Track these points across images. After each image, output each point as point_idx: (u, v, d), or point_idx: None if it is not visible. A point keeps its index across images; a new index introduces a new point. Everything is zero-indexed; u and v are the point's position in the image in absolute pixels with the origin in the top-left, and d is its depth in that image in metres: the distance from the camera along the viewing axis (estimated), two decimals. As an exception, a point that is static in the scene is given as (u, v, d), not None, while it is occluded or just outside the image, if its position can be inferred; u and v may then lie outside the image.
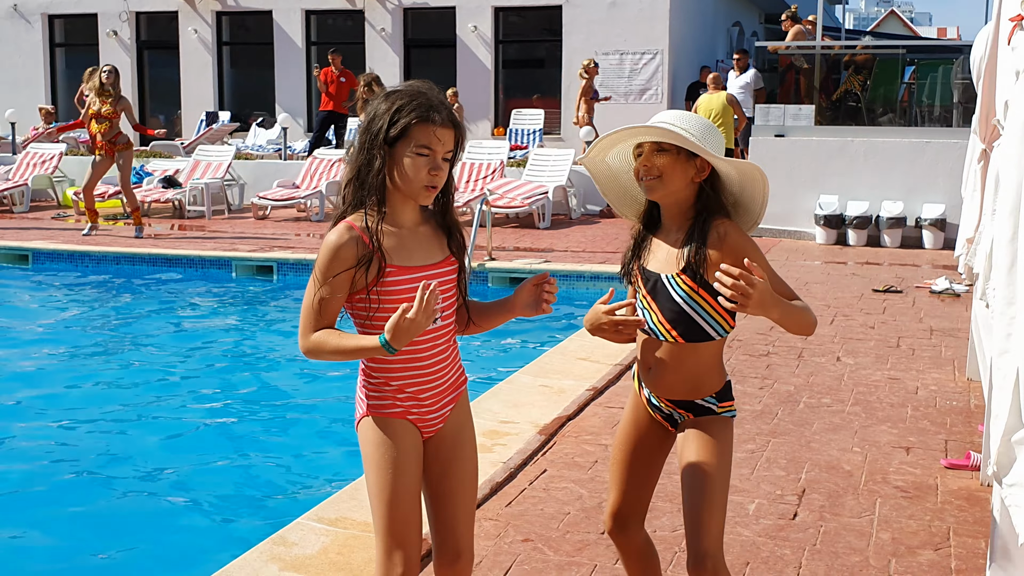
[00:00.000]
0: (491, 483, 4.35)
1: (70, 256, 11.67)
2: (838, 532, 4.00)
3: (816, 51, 15.07)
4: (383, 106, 2.47)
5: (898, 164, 12.32)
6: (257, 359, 8.31)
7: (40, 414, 6.68)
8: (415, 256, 2.52)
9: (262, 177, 15.98)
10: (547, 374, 6.13)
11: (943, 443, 5.07)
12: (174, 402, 7.00)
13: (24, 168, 16.61)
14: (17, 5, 22.70)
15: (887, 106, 14.56)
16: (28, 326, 9.32)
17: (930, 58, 15.60)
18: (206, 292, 10.46)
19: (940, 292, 9.13)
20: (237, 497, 5.29)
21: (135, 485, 5.50)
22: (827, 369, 6.50)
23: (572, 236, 12.94)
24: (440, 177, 2.49)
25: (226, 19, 21.95)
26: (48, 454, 5.92)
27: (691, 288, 2.58)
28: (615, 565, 3.70)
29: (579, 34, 19.59)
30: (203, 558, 4.18)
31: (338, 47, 19.06)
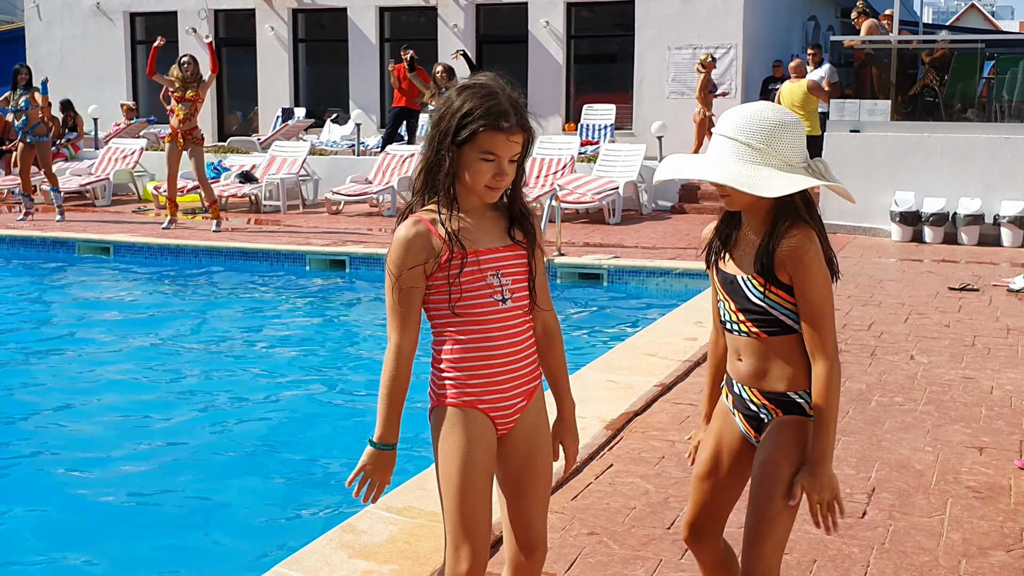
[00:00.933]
0: (556, 476, 4.35)
1: (149, 249, 11.88)
2: (907, 531, 3.94)
3: (893, 46, 14.81)
4: (456, 102, 2.46)
5: (976, 160, 12.08)
6: (329, 349, 8.41)
7: (117, 397, 6.84)
8: (483, 240, 2.53)
9: (336, 173, 16.15)
10: (614, 370, 6.10)
11: (1017, 444, 4.97)
12: (246, 390, 7.13)
13: (106, 163, 16.97)
14: (100, 3, 23.13)
15: (965, 102, 14.27)
16: (107, 317, 9.51)
17: (1011, 52, 15.23)
18: (281, 285, 10.59)
19: (1018, 291, 8.93)
20: (308, 484, 5.36)
21: (208, 468, 5.58)
22: (900, 368, 6.39)
23: (642, 232, 12.89)
24: (504, 181, 2.49)
25: (302, 16, 22.18)
26: (127, 431, 6.07)
27: (765, 287, 2.55)
28: (680, 560, 3.68)
29: (652, 28, 19.45)
30: (275, 544, 4.24)
31: (411, 43, 19.19)
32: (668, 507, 4.15)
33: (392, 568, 3.51)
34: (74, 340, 8.68)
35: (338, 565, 3.52)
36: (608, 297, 9.77)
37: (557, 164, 14.47)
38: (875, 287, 9.07)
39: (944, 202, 12.04)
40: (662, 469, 4.56)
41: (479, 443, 2.52)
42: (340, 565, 3.52)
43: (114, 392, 7.08)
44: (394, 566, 3.52)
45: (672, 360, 6.29)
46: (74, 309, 9.90)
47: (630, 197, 14.42)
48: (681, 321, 7.47)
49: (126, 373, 7.54)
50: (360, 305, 9.48)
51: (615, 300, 9.66)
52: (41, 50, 23.54)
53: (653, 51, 19.47)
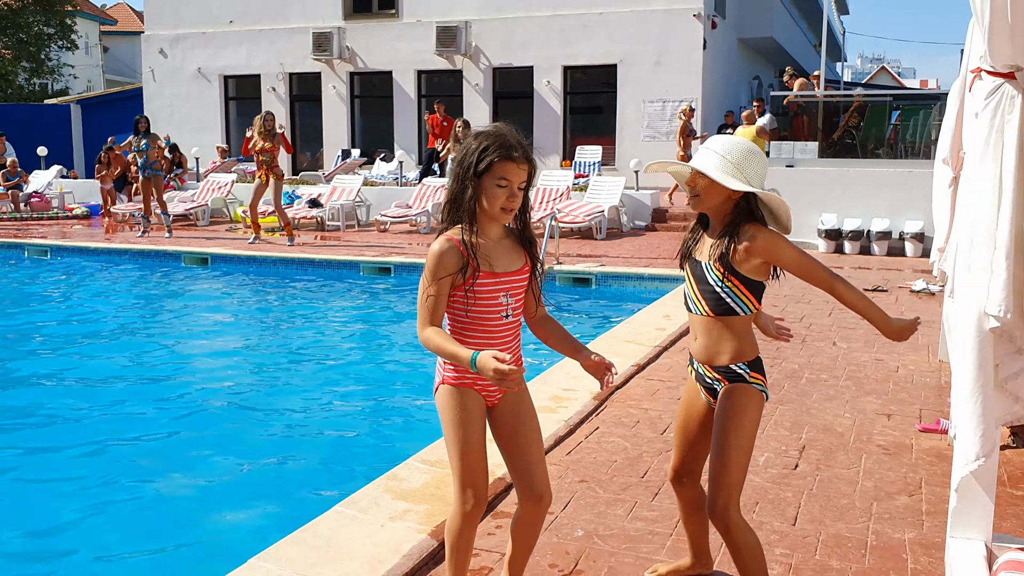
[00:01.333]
0: (555, 436, 4.37)
1: (239, 259, 11.96)
2: (831, 480, 3.96)
3: (820, 100, 14.79)
4: (473, 144, 2.49)
5: (885, 189, 12.08)
6: (377, 335, 8.44)
7: (219, 378, 6.87)
8: (498, 264, 2.54)
9: (383, 199, 16.22)
10: (601, 353, 6.10)
11: (918, 411, 4.97)
12: (313, 369, 7.16)
13: (205, 192, 17.06)
14: (200, 68, 23.31)
15: (877, 143, 14.26)
16: (205, 311, 9.58)
17: (913, 104, 15.19)
18: (340, 288, 10.62)
19: (918, 291, 8.94)
20: (360, 443, 5.39)
21: (288, 429, 5.62)
22: (825, 351, 6.40)
23: (623, 246, 12.88)
24: (516, 202, 2.51)
25: (357, 78, 22.27)
26: (224, 407, 6.09)
27: (722, 273, 2.59)
28: (651, 502, 3.70)
29: (630, 87, 19.51)
30: (328, 491, 4.26)
31: (442, 99, 19.22)
32: (642, 461, 4.17)
33: (425, 507, 3.54)
34: (180, 330, 8.75)
35: (384, 504, 3.56)
36: (596, 296, 9.80)
37: (556, 192, 14.48)
38: (806, 288, 9.02)
39: (860, 221, 12.06)
40: (637, 431, 4.59)
41: (474, 412, 2.57)
42: (385, 504, 3.56)
43: (215, 362, 7.20)
44: (427, 506, 3.55)
45: (646, 346, 6.31)
46: (180, 305, 9.97)
47: (613, 218, 14.43)
48: (653, 315, 7.49)
49: (223, 352, 7.64)
50: (401, 302, 9.50)
51: (601, 299, 9.68)
52: (155, 104, 23.70)
53: (631, 104, 19.53)
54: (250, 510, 4.39)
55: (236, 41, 22.90)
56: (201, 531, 4.17)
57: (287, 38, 22.31)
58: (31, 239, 13.74)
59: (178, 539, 4.11)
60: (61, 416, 5.91)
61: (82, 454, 5.18)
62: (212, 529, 4.18)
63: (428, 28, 20.98)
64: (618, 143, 19.67)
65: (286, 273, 11.41)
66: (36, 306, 9.87)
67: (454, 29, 20.59)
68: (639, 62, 19.42)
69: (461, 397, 2.57)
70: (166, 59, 23.66)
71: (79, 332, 8.50)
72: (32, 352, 7.81)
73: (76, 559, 3.93)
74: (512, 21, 20.44)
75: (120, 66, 45.86)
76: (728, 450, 2.62)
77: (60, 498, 4.56)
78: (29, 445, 5.39)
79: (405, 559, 3.10)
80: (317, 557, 3.12)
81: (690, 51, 19.06)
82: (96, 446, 5.31)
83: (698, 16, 18.95)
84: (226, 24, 22.94)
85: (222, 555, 3.54)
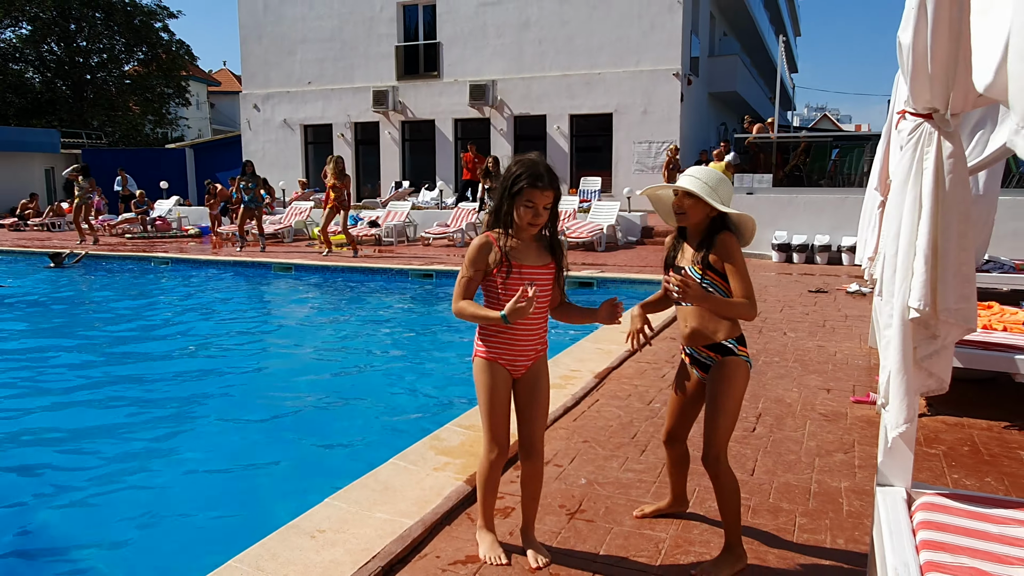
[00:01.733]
0: (563, 407, 4.36)
1: (316, 268, 12.00)
2: (781, 440, 3.92)
3: (773, 141, 14.66)
4: (513, 169, 2.52)
5: (826, 211, 11.94)
6: (421, 329, 8.43)
7: (300, 359, 6.91)
8: (526, 260, 2.55)
9: (427, 220, 16.26)
10: (600, 341, 6.10)
11: (852, 387, 4.92)
12: (371, 349, 7.17)
13: (289, 216, 17.17)
14: (286, 119, 23.49)
15: (820, 174, 14.11)
16: (290, 310, 9.64)
17: (849, 143, 15.02)
18: (393, 290, 10.65)
19: (852, 292, 8.81)
20: (408, 409, 5.38)
21: (352, 398, 5.61)
22: (777, 340, 6.34)
23: (618, 256, 12.83)
24: (540, 219, 2.52)
25: (407, 125, 22.35)
26: (304, 381, 6.10)
27: (703, 271, 2.59)
28: (640, 457, 3.68)
29: (623, 131, 19.44)
30: (386, 449, 4.29)
31: (474, 140, 19.25)
32: (632, 425, 4.15)
33: (461, 461, 3.54)
34: (270, 321, 8.81)
35: (429, 458, 3.57)
36: (597, 296, 9.74)
37: (565, 214, 14.44)
38: (761, 290, 8.97)
39: (806, 237, 11.91)
40: (629, 403, 4.57)
41: (501, 382, 2.58)
42: (430, 458, 3.57)
43: (298, 346, 7.20)
44: (463, 460, 3.55)
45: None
46: (269, 304, 10.05)
47: (610, 234, 14.38)
48: (641, 311, 7.45)
49: (303, 338, 7.66)
50: (442, 303, 9.50)
51: (601, 298, 9.57)
52: (251, 148, 23.90)
53: (624, 144, 19.45)
54: (327, 459, 4.43)
55: (313, 98, 23.06)
56: (291, 474, 4.20)
57: (352, 95, 22.44)
58: (156, 253, 13.90)
59: (277, 478, 4.15)
60: (191, 382, 5.99)
61: (210, 411, 5.23)
62: (298, 473, 4.21)
63: (463, 86, 21.05)
64: (614, 175, 19.60)
65: (352, 279, 11.45)
66: (160, 302, 9.99)
67: (484, 87, 20.63)
68: (630, 111, 19.35)
69: (491, 368, 2.58)
70: (259, 112, 23.85)
71: (195, 321, 8.60)
72: (157, 335, 7.91)
73: (174, 490, 3.95)
74: (530, 80, 20.45)
75: (223, 118, 46.30)
76: (719, 411, 2.60)
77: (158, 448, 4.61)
78: (157, 409, 5.45)
79: (446, 500, 3.10)
80: (377, 497, 3.14)
81: (670, 103, 18.97)
82: (214, 401, 5.37)
83: (677, 75, 18.87)
84: (305, 85, 23.10)
85: (306, 494, 3.57)
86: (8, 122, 32.25)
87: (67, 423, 5.14)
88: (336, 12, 22.35)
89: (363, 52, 22.15)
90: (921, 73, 1.97)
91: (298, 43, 22.87)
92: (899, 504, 2.23)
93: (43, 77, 34.25)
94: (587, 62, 19.75)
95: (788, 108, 31.14)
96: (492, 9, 20.60)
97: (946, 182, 2.08)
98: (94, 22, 34.32)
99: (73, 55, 34.33)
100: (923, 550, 1.97)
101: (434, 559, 2.72)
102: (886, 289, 2.31)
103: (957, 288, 2.13)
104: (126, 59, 35.93)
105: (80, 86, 34.51)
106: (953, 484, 3.37)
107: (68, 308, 9.68)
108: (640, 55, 19.14)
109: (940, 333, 2.21)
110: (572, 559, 2.72)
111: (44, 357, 7.05)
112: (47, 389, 5.97)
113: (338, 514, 2.97)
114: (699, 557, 2.73)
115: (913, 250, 2.15)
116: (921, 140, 2.12)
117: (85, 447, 4.69)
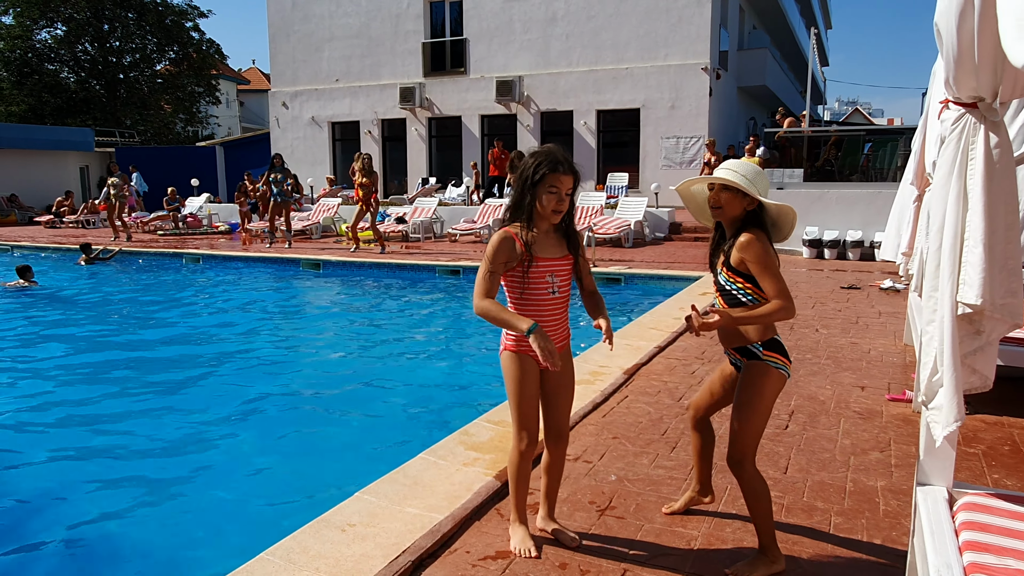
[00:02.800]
0: (592, 403, 4.34)
1: (344, 264, 12.07)
2: (815, 438, 3.85)
3: (805, 135, 14.43)
4: (530, 161, 2.53)
5: (858, 206, 11.72)
6: (449, 321, 8.45)
7: (329, 354, 6.96)
8: (547, 252, 2.56)
9: (454, 216, 16.28)
10: (629, 337, 6.06)
11: (887, 385, 4.82)
12: (399, 350, 7.17)
13: (317, 212, 17.27)
14: (314, 117, 23.68)
15: (852, 169, 13.88)
16: (319, 303, 9.72)
17: (882, 137, 14.75)
18: (421, 286, 10.69)
19: (886, 289, 8.64)
20: (438, 404, 5.38)
21: (382, 392, 5.61)
22: (809, 336, 6.24)
23: (646, 252, 12.74)
24: (564, 205, 2.52)
25: (434, 122, 22.41)
26: (332, 376, 6.13)
27: (728, 274, 2.54)
28: (670, 454, 3.65)
29: (651, 126, 19.28)
30: (415, 443, 4.30)
31: (500, 137, 19.23)
32: (662, 422, 4.11)
33: (490, 457, 3.53)
34: (299, 315, 8.91)
35: (459, 453, 3.57)
36: (625, 292, 9.68)
37: (592, 210, 14.37)
38: (792, 286, 8.84)
39: (837, 233, 11.70)
40: (659, 399, 4.53)
41: (529, 374, 2.59)
42: (460, 453, 3.57)
43: (326, 340, 7.26)
44: (492, 456, 3.55)
45: (665, 331, 6.24)
46: (299, 298, 10.14)
47: (638, 230, 14.27)
48: (671, 307, 7.40)
49: (332, 333, 7.72)
50: (468, 297, 9.48)
51: (629, 294, 9.56)
52: (279, 145, 24.14)
53: (651, 140, 19.29)
54: (355, 453, 4.45)
55: (341, 95, 23.21)
56: (320, 468, 4.23)
57: (380, 92, 22.55)
58: (187, 249, 14.11)
59: (306, 472, 4.17)
60: (214, 376, 6.07)
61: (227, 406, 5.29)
62: (327, 467, 4.24)
63: (489, 82, 21.03)
64: (641, 170, 19.46)
65: (380, 275, 11.51)
66: (189, 298, 10.14)
67: (510, 82, 20.59)
68: (658, 106, 19.18)
69: (519, 360, 2.59)
70: (287, 110, 24.08)
71: (223, 317, 8.71)
72: (182, 333, 8.03)
73: (218, 479, 4.00)
74: (556, 75, 20.36)
75: (252, 116, 46.85)
76: (739, 418, 2.56)
77: (194, 436, 4.66)
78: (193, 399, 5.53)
79: (475, 495, 3.10)
80: (407, 492, 3.14)
81: (699, 97, 18.77)
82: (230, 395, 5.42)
83: (705, 69, 18.65)
84: (333, 82, 23.26)
85: (335, 488, 3.59)
86: (44, 121, 32.98)
87: (91, 413, 5.24)
88: (363, 9, 22.47)
89: (390, 49, 22.24)
90: (967, 60, 1.91)
91: (326, 41, 23.03)
92: (941, 504, 2.17)
93: (77, 77, 34.95)
94: (614, 57, 19.62)
95: (819, 102, 30.65)
96: (519, 4, 20.55)
97: (993, 173, 2.02)
98: (127, 22, 34.93)
99: (106, 55, 34.99)
100: (966, 551, 1.92)
101: (464, 554, 2.72)
102: (928, 284, 2.25)
103: (1004, 282, 2.07)
104: (158, 58, 36.52)
105: (113, 85, 35.15)
106: (993, 484, 3.29)
107: (102, 303, 9.86)
108: (668, 49, 18.96)
109: (985, 329, 2.15)
110: (603, 555, 2.70)
111: (84, 349, 7.20)
112: (76, 381, 6.09)
113: (368, 508, 2.98)
114: (732, 557, 2.70)
115: (958, 244, 2.09)
116: (966, 131, 2.06)
117: (113, 441, 4.76)
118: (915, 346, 4.75)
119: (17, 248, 15.93)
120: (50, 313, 9.10)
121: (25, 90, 33.09)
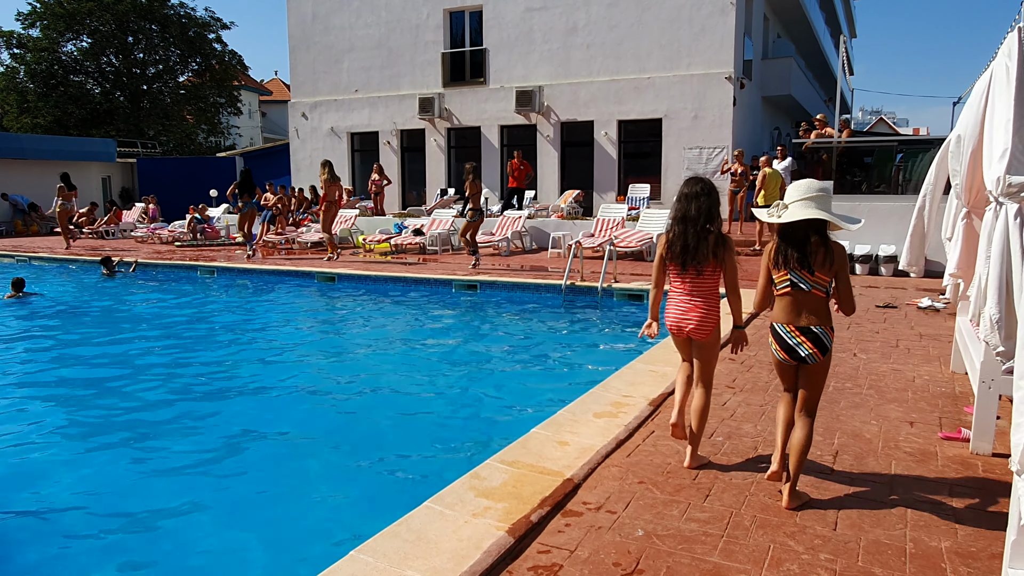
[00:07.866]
0: (616, 440, 3.97)
1: (357, 278, 11.83)
2: (864, 485, 3.46)
3: (835, 144, 13.97)
4: None
5: (890, 219, 11.24)
6: (467, 338, 8.08)
7: (336, 367, 6.69)
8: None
9: (473, 229, 15.97)
10: (654, 362, 5.69)
11: (938, 420, 4.41)
12: (415, 359, 6.86)
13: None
14: (333, 127, 23.59)
15: (883, 180, 13.39)
16: (334, 315, 9.46)
17: (913, 148, 14.24)
18: (438, 300, 10.40)
19: (924, 308, 8.17)
20: (445, 446, 4.97)
21: (388, 413, 5.32)
22: (847, 362, 5.83)
23: (667, 266, 12.33)
24: None
25: (453, 132, 22.18)
26: (334, 389, 5.87)
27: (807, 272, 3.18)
28: (703, 503, 3.29)
29: (673, 136, 18.88)
30: (424, 488, 3.98)
31: (520, 147, 18.93)
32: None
33: (503, 505, 3.19)
34: (310, 329, 8.63)
35: (468, 501, 3.24)
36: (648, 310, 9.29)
37: (613, 223, 14.01)
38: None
39: (869, 247, 11.25)
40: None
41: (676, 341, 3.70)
42: (469, 501, 3.24)
43: (336, 355, 6.99)
44: (505, 504, 3.20)
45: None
46: (315, 311, 9.89)
47: (660, 244, 13.88)
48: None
49: (348, 344, 7.46)
50: (484, 311, 9.20)
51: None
52: (299, 155, 24.09)
53: (673, 150, 18.90)
54: (356, 493, 4.14)
55: (360, 106, 23.10)
56: (317, 509, 3.91)
57: (399, 103, 22.39)
58: (201, 262, 13.96)
59: (300, 517, 3.86)
60: (217, 390, 5.80)
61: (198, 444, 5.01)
62: (323, 510, 3.92)
63: (509, 92, 20.78)
64: (663, 181, 19.04)
65: (395, 289, 11.23)
66: (200, 313, 9.93)
67: (530, 93, 20.33)
68: (680, 116, 18.79)
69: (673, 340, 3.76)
70: (307, 120, 24.01)
71: (238, 326, 8.48)
72: (211, 340, 7.80)
73: (168, 554, 3.70)
74: (576, 85, 20.06)
75: (274, 127, 47.06)
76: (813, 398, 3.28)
77: (164, 477, 4.38)
78: (194, 414, 5.26)
79: (485, 555, 2.77)
80: (409, 550, 2.81)
81: (722, 107, 18.35)
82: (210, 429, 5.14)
83: (729, 78, 18.25)
84: (352, 93, 23.16)
85: (331, 533, 3.27)
86: (69, 132, 33.30)
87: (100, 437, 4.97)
88: (383, 20, 22.36)
89: (409, 59, 22.10)
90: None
91: (345, 52, 22.95)
92: (1041, 598, 1.80)
93: (102, 88, 35.29)
94: (636, 66, 19.28)
95: (844, 112, 30.04)
96: (539, 14, 20.30)
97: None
98: (150, 34, 35.24)
99: (130, 66, 35.31)
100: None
101: (471, 629, 2.39)
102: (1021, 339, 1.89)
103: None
104: (181, 70, 36.79)
105: (137, 96, 35.45)
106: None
107: (121, 314, 9.69)
108: (691, 58, 18.59)
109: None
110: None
111: (104, 361, 6.99)
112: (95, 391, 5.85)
113: (364, 571, 2.65)
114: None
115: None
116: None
117: (109, 475, 4.49)
118: (971, 378, 4.36)
119: (35, 259, 15.92)
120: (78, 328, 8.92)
121: (51, 102, 33.45)
